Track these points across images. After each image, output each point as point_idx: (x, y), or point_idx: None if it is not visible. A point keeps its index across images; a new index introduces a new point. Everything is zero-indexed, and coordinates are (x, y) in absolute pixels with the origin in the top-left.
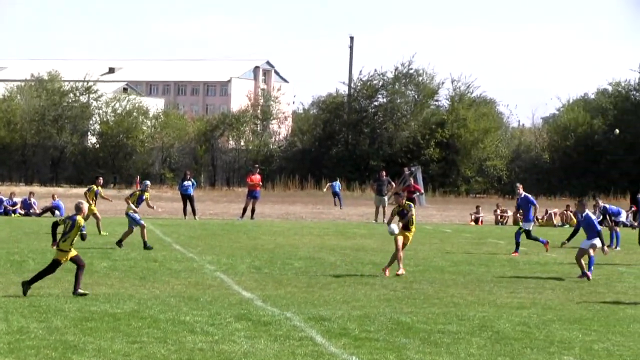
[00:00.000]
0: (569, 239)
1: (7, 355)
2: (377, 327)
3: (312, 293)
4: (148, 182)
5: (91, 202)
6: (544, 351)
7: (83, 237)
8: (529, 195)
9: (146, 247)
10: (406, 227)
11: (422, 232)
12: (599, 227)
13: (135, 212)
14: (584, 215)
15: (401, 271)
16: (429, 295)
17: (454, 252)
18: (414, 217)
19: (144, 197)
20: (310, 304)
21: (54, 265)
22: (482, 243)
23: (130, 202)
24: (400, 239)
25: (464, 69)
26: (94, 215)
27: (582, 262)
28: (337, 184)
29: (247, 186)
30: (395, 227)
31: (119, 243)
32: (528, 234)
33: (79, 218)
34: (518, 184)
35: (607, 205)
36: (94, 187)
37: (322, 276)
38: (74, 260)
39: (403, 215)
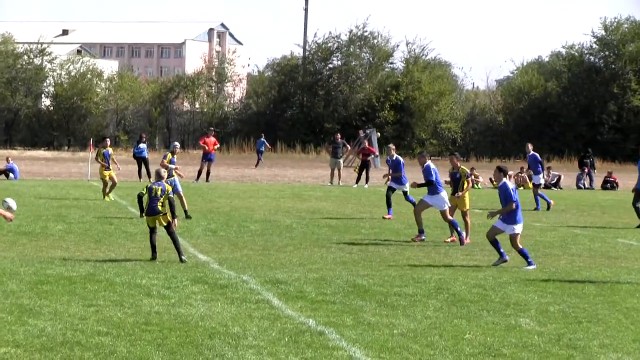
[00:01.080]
0: (419, 185)
1: None
2: (333, 290)
3: (269, 256)
4: (177, 144)
5: (104, 165)
6: (500, 313)
7: (171, 202)
8: (400, 158)
9: (187, 216)
10: (454, 192)
11: (377, 195)
12: (433, 177)
13: (171, 176)
14: (424, 165)
15: (451, 239)
16: (385, 257)
17: (409, 214)
18: (466, 182)
19: (174, 160)
20: (267, 267)
21: (150, 232)
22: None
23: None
24: (451, 206)
25: (418, 32)
26: (111, 178)
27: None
28: (263, 141)
29: (202, 149)
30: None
31: (186, 215)
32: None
33: (167, 185)
34: (390, 145)
35: (535, 154)
36: (101, 149)
37: (278, 239)
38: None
39: (454, 178)
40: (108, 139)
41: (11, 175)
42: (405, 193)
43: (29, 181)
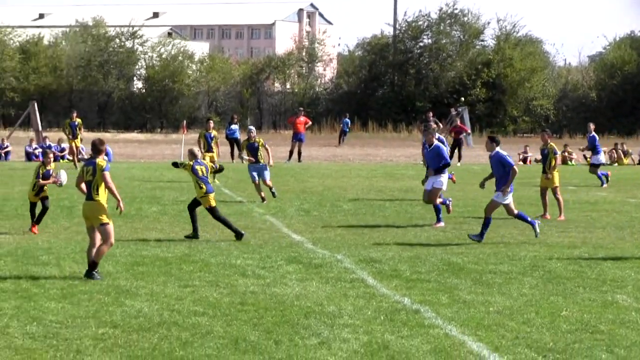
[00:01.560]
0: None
1: (61, 301)
2: (428, 268)
3: (362, 235)
4: (252, 128)
5: (202, 149)
6: (596, 290)
7: (220, 169)
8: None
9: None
10: (544, 170)
11: (470, 173)
12: (448, 159)
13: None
14: (435, 145)
15: (547, 216)
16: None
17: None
18: (553, 160)
19: (256, 145)
20: (361, 246)
21: (213, 211)
22: (530, 183)
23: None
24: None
25: (509, 9)
26: (212, 160)
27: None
28: (348, 120)
29: (292, 129)
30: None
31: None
32: None
33: (206, 162)
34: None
35: (595, 136)
36: (204, 132)
37: (372, 218)
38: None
39: (543, 154)
40: (212, 121)
41: (105, 157)
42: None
43: (122, 163)
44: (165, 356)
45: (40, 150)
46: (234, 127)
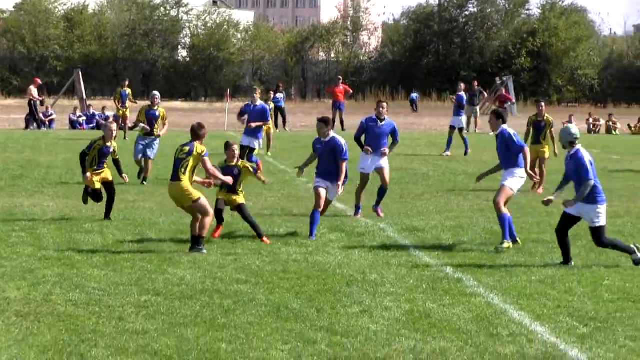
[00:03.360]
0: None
1: (104, 268)
2: (470, 237)
3: (405, 204)
4: (157, 93)
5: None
6: None
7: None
8: (266, 106)
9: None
10: (537, 141)
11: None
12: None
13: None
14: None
15: (540, 190)
16: (522, 205)
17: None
18: (550, 132)
19: (157, 114)
20: (404, 214)
21: None
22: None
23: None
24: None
25: None
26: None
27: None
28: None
29: (331, 98)
30: None
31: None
32: None
33: (113, 142)
34: (255, 87)
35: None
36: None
37: (415, 187)
38: None
39: (538, 125)
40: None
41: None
42: (252, 150)
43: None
44: (207, 323)
45: (84, 118)
46: (280, 95)
